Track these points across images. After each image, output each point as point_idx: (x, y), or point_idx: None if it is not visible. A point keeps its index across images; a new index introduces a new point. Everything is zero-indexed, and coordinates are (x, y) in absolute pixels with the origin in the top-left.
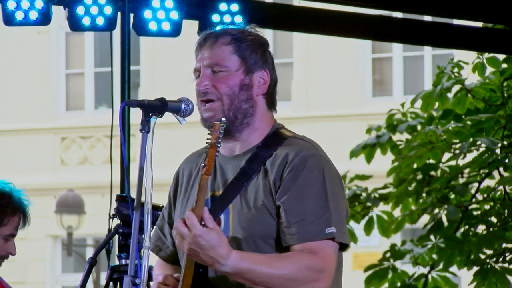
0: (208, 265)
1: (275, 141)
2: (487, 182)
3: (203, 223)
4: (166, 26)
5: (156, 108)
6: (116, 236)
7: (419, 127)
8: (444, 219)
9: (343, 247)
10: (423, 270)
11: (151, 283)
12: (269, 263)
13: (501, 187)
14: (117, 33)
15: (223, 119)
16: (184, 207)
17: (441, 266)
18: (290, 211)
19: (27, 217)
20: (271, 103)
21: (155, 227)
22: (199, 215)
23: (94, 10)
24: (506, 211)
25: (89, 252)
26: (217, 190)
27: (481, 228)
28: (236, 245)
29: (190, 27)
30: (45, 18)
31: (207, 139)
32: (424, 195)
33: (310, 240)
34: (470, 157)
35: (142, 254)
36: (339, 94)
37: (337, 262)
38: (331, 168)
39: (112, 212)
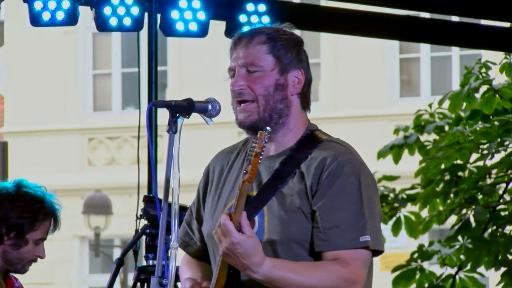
0: (240, 270)
1: (310, 144)
2: None
3: (238, 228)
4: (193, 27)
5: (183, 108)
6: (143, 237)
7: (446, 128)
8: (472, 219)
9: (377, 252)
10: (451, 270)
11: (178, 283)
12: (301, 272)
13: None
14: (144, 33)
15: (268, 128)
16: (215, 204)
17: (468, 266)
18: (326, 217)
19: (58, 222)
20: (305, 103)
21: (183, 222)
22: (236, 221)
23: (121, 10)
24: None
25: (117, 253)
26: (250, 191)
27: (508, 229)
28: (271, 247)
29: (217, 27)
30: (72, 19)
31: (251, 147)
32: (451, 195)
33: (344, 248)
34: (497, 157)
35: (169, 255)
36: (367, 95)
37: (369, 266)
38: (367, 173)
39: (139, 212)
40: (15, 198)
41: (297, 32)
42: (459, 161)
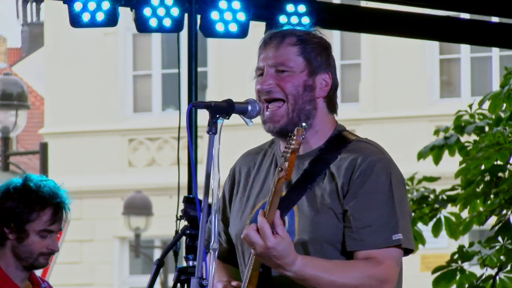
0: (272, 268)
1: (339, 144)
2: None
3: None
4: (233, 28)
5: (223, 109)
6: (184, 238)
7: (486, 129)
8: None
9: (408, 251)
10: (491, 271)
11: None
12: (333, 271)
13: None
14: (184, 34)
15: (304, 124)
16: (243, 205)
17: (508, 267)
18: (357, 216)
19: (60, 211)
20: (332, 106)
21: (207, 224)
22: (270, 219)
23: (161, 11)
24: None
25: (157, 254)
26: (281, 191)
27: None
28: (302, 247)
29: (257, 28)
30: (111, 20)
31: (287, 143)
32: (492, 196)
33: (376, 247)
34: None
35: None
36: (407, 95)
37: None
38: (397, 172)
39: (179, 213)
40: (12, 191)
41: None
42: (499, 162)
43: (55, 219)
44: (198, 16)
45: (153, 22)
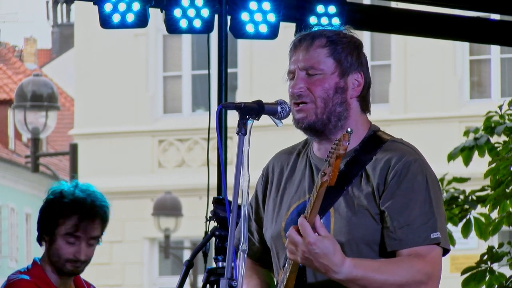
0: (321, 273)
1: (374, 145)
2: None
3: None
4: (263, 29)
5: (252, 110)
6: (213, 239)
7: None
8: None
9: (445, 251)
10: None
11: None
12: (383, 269)
13: None
14: (214, 35)
15: (349, 129)
16: (278, 206)
17: None
18: (396, 216)
19: (86, 217)
20: (365, 106)
21: (239, 223)
22: (311, 223)
23: (191, 12)
24: None
25: (186, 255)
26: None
27: None
28: None
29: (287, 29)
30: (142, 21)
31: (332, 148)
32: None
33: (417, 245)
34: None
35: (238, 257)
36: (437, 96)
37: None
38: (432, 173)
39: (209, 214)
40: (49, 196)
41: (367, 33)
42: None
43: (80, 226)
44: (228, 17)
45: (183, 23)
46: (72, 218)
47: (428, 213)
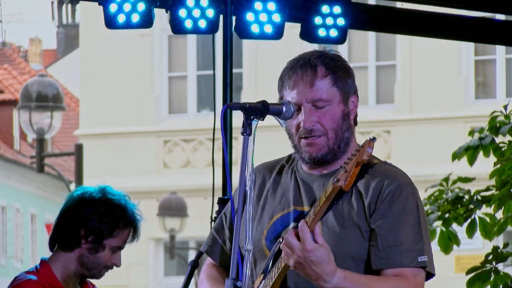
0: (311, 280)
1: (364, 164)
2: None
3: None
4: (268, 29)
5: (257, 111)
6: None
7: None
8: None
9: (429, 275)
10: None
11: None
12: (370, 285)
13: None
14: (219, 36)
15: (372, 136)
16: (259, 215)
17: None
18: (385, 235)
19: (137, 232)
20: (355, 122)
21: (211, 230)
22: (312, 228)
23: (196, 13)
24: None
25: (192, 255)
26: (300, 206)
27: None
28: None
29: (292, 29)
30: (147, 21)
31: (352, 155)
32: None
33: (404, 266)
34: None
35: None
36: (442, 97)
37: None
38: (420, 198)
39: (214, 215)
40: (98, 203)
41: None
42: None
43: (131, 239)
44: (233, 18)
45: (188, 24)
46: (127, 231)
47: (417, 236)
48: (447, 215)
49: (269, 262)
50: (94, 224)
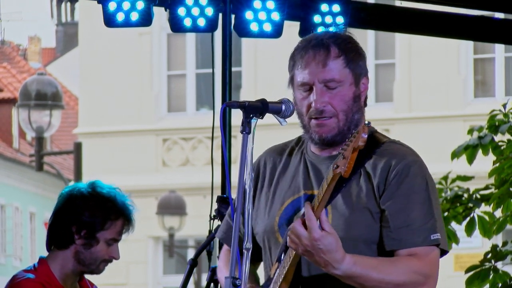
0: (321, 267)
1: (372, 144)
2: None
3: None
4: (268, 27)
5: (257, 109)
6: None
7: None
8: None
9: (443, 252)
10: None
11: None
12: (380, 268)
13: None
14: (218, 34)
15: (367, 121)
16: (270, 200)
17: None
18: (396, 216)
19: (131, 222)
20: (365, 104)
21: (225, 217)
22: (318, 215)
23: (195, 11)
24: None
25: (191, 254)
26: (310, 189)
27: None
28: None
29: (291, 28)
30: (146, 19)
31: (348, 140)
32: None
33: (416, 245)
34: None
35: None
36: (441, 95)
37: None
38: (430, 176)
39: (213, 213)
40: (87, 197)
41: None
42: None
43: (125, 229)
44: (232, 16)
45: (187, 22)
46: (119, 222)
47: (427, 214)
48: (446, 214)
49: (282, 250)
50: (85, 218)
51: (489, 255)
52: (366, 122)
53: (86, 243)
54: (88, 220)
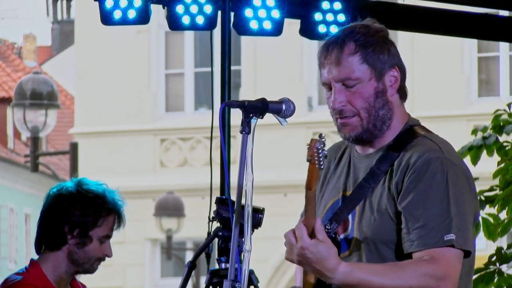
0: (316, 275)
1: (406, 140)
2: None
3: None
4: (267, 25)
5: (256, 109)
6: (216, 240)
7: None
8: None
9: (467, 252)
10: None
11: (251, 287)
12: (383, 274)
13: None
14: (217, 32)
15: (321, 134)
16: (319, 203)
17: None
18: (411, 216)
19: (122, 218)
20: (404, 94)
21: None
22: (309, 226)
23: (193, 9)
24: None
25: (189, 256)
26: (348, 190)
27: None
28: (357, 248)
29: (292, 26)
30: (143, 17)
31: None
32: None
33: (430, 247)
34: None
35: (242, 258)
36: (445, 94)
37: (466, 267)
38: (457, 171)
39: (212, 215)
40: (76, 196)
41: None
42: None
43: (117, 225)
44: (232, 14)
45: (185, 20)
46: (111, 218)
47: (444, 213)
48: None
49: None
50: (76, 218)
51: (494, 258)
52: (319, 135)
53: (79, 242)
54: (79, 219)
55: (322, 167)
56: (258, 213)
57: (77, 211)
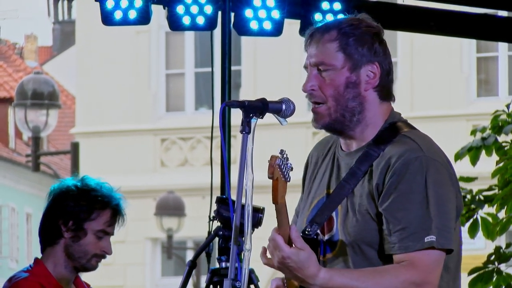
0: (297, 282)
1: (386, 138)
2: None
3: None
4: (268, 26)
5: (257, 108)
6: (216, 239)
7: None
8: None
9: (449, 251)
10: None
11: (251, 286)
12: (362, 279)
13: None
14: (217, 32)
15: (282, 149)
16: (305, 200)
17: None
18: (391, 219)
19: (118, 213)
20: (386, 94)
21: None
22: (285, 235)
23: (194, 9)
24: None
25: (190, 255)
26: (331, 188)
27: None
28: (342, 249)
29: (292, 26)
30: (144, 18)
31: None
32: None
33: (410, 250)
34: None
35: (242, 257)
36: (444, 94)
37: (455, 261)
38: (438, 169)
39: (212, 214)
40: (72, 189)
41: None
42: None
43: (114, 221)
44: (232, 14)
45: (186, 20)
46: (106, 212)
47: (424, 215)
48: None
49: None
50: (69, 208)
51: (493, 257)
52: (282, 150)
53: (74, 235)
54: (72, 210)
55: (288, 180)
56: (258, 212)
57: (71, 202)
